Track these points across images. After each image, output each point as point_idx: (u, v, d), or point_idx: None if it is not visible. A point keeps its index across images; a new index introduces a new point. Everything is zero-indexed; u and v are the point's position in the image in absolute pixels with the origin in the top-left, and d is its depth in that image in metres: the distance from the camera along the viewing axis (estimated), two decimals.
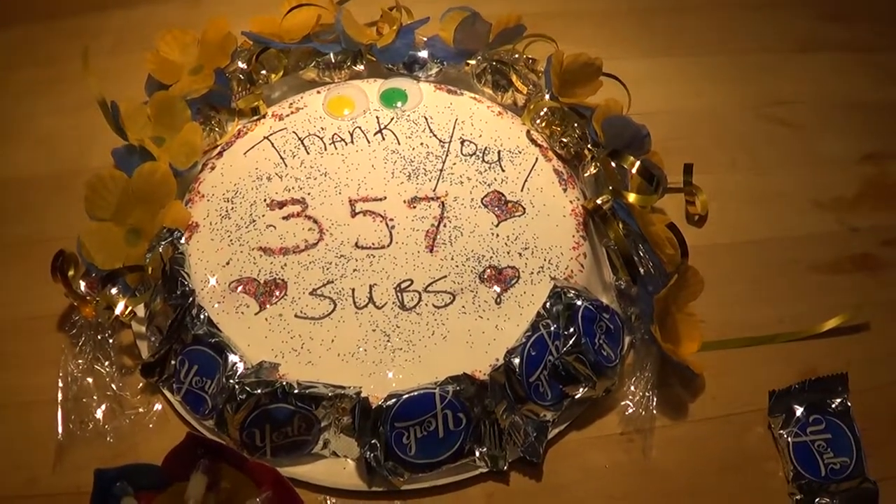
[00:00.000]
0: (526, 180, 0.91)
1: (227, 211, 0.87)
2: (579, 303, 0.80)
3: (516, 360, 0.77)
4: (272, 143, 0.93)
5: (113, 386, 0.80)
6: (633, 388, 0.81)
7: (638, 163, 0.86)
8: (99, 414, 0.78)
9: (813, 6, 1.24)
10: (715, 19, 1.21)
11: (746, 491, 0.78)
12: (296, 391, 0.75)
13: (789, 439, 0.80)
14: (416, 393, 0.75)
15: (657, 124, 0.97)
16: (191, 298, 0.80)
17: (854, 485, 0.77)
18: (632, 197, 0.86)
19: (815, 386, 0.82)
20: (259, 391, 0.74)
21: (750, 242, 0.96)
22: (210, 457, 0.57)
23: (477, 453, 0.76)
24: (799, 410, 0.81)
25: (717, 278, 0.89)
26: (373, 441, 0.75)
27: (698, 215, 0.96)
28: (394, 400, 0.75)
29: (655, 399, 0.81)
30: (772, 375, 0.83)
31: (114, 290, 0.82)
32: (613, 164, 0.90)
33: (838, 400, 0.82)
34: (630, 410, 0.81)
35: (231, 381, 0.76)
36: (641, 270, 0.84)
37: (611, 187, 0.87)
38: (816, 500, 0.77)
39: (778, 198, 1.00)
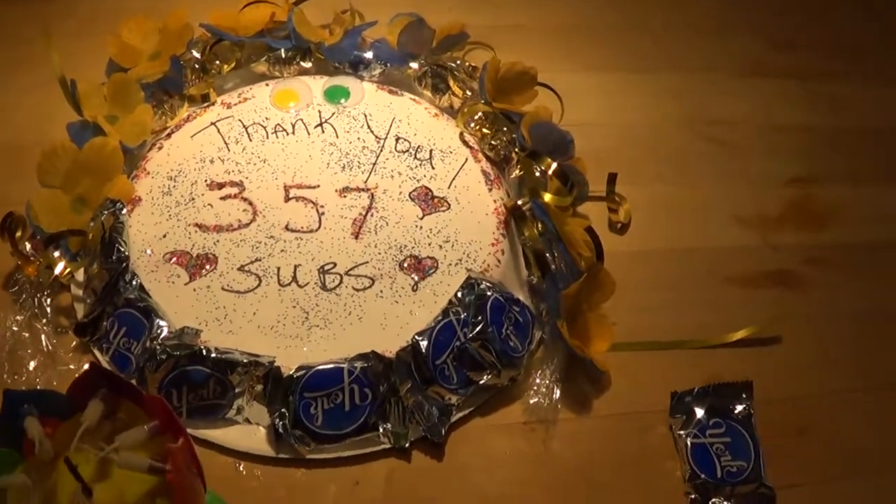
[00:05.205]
0: (454, 178, 0.96)
1: (169, 188, 0.93)
2: (490, 294, 0.84)
3: (424, 343, 0.82)
4: (218, 129, 0.98)
5: (48, 342, 0.84)
6: (538, 380, 0.85)
7: (555, 164, 0.91)
8: (31, 366, 0.82)
9: (763, 33, 1.27)
10: (666, 41, 1.25)
11: (643, 487, 0.82)
12: (213, 355, 0.79)
13: (688, 440, 0.83)
14: (325, 366, 0.80)
15: (592, 135, 1.02)
16: (125, 264, 0.85)
17: (751, 489, 0.81)
18: (547, 197, 0.90)
19: (718, 391, 0.85)
20: (178, 353, 0.79)
21: (670, 251, 0.99)
22: (109, 388, 0.62)
23: (381, 429, 0.81)
24: (700, 413, 0.84)
25: (634, 284, 0.93)
26: (282, 410, 0.79)
27: (621, 223, 1.00)
28: (304, 371, 0.79)
29: (560, 392, 0.84)
30: (679, 380, 0.86)
31: (56, 254, 0.87)
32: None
33: (741, 406, 0.85)
34: (534, 401, 0.84)
35: (154, 342, 0.81)
36: (553, 267, 0.88)
37: (529, 187, 0.92)
38: (712, 500, 0.80)
39: (702, 211, 1.04)
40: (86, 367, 0.63)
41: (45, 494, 0.58)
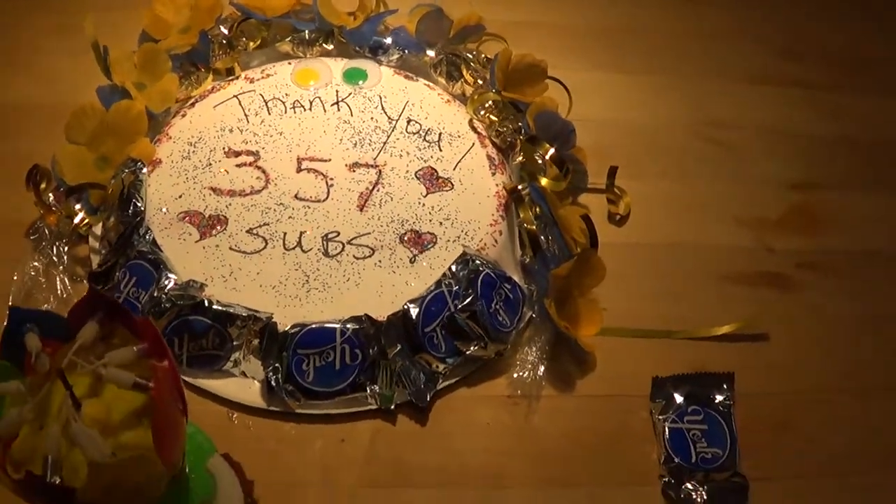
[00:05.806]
0: (460, 161, 0.99)
1: (188, 153, 0.97)
2: (482, 269, 0.88)
3: (415, 310, 0.85)
4: (240, 102, 1.03)
5: (62, 289, 0.89)
6: (525, 356, 0.88)
7: (552, 150, 0.95)
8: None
9: (771, 42, 1.29)
10: (676, 44, 1.26)
11: (618, 466, 0.84)
12: (214, 307, 0.83)
13: (666, 424, 0.85)
14: (319, 325, 0.84)
15: (597, 130, 1.06)
16: (140, 218, 0.90)
17: (725, 477, 0.82)
18: (543, 181, 0.94)
19: (700, 380, 0.87)
20: (182, 303, 0.83)
21: (667, 246, 1.02)
22: (107, 312, 0.65)
23: (368, 390, 0.84)
24: (679, 399, 0.86)
25: (628, 273, 0.96)
26: (276, 364, 0.83)
27: (619, 215, 1.02)
28: (299, 328, 0.83)
29: (545, 369, 0.87)
30: (664, 368, 0.88)
31: (77, 206, 0.92)
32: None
33: (721, 397, 0.87)
34: (519, 375, 0.87)
35: (161, 293, 0.85)
36: (545, 247, 0.91)
37: (528, 171, 0.96)
38: (685, 484, 0.82)
39: (701, 210, 1.06)
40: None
41: (38, 405, 0.62)
